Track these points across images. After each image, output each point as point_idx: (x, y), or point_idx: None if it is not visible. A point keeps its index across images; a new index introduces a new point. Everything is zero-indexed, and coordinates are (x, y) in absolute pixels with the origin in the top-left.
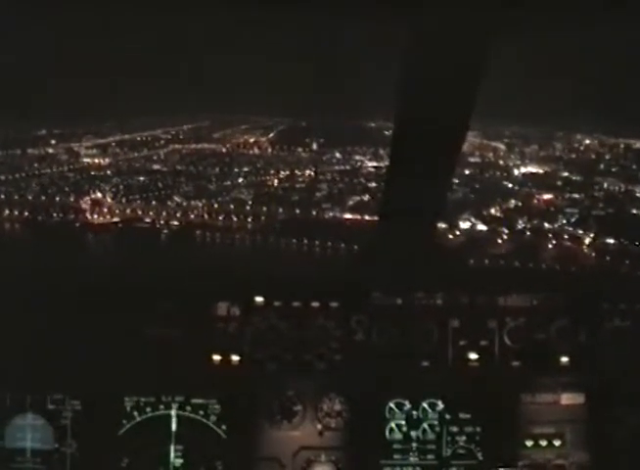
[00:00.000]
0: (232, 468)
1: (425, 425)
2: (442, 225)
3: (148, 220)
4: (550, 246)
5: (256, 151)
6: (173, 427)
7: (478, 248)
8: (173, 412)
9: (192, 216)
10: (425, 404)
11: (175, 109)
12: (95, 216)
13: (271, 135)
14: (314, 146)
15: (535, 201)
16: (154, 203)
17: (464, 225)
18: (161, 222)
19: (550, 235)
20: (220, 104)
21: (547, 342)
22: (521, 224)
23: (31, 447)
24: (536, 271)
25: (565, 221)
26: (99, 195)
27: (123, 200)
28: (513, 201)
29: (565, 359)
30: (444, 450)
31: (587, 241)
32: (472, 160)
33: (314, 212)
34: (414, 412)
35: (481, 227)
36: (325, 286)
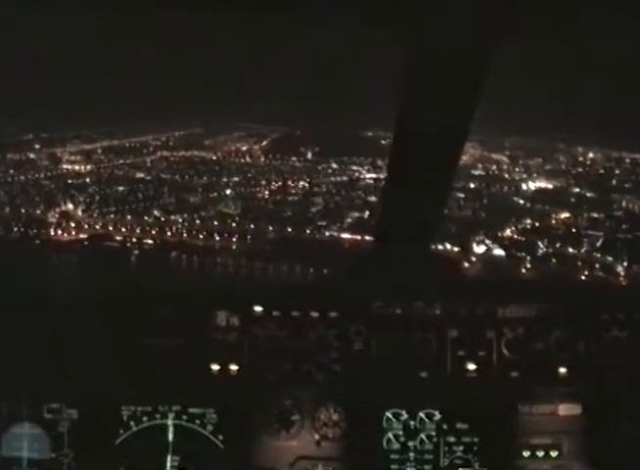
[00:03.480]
0: None
1: (422, 435)
2: (455, 249)
3: (118, 238)
4: (582, 277)
5: (248, 159)
6: (170, 437)
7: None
8: (170, 422)
9: (169, 234)
10: (422, 414)
11: (170, 115)
12: (60, 232)
13: (264, 143)
14: (309, 155)
15: (553, 221)
16: (129, 217)
17: (479, 249)
18: (133, 241)
19: (579, 263)
20: (215, 111)
21: (545, 352)
22: (542, 248)
23: (28, 457)
24: (535, 282)
25: (590, 246)
26: (70, 206)
27: (96, 213)
28: (528, 220)
29: (563, 370)
30: (442, 461)
31: (621, 270)
32: (475, 172)
33: (308, 231)
34: (411, 422)
35: (499, 252)
36: (324, 296)
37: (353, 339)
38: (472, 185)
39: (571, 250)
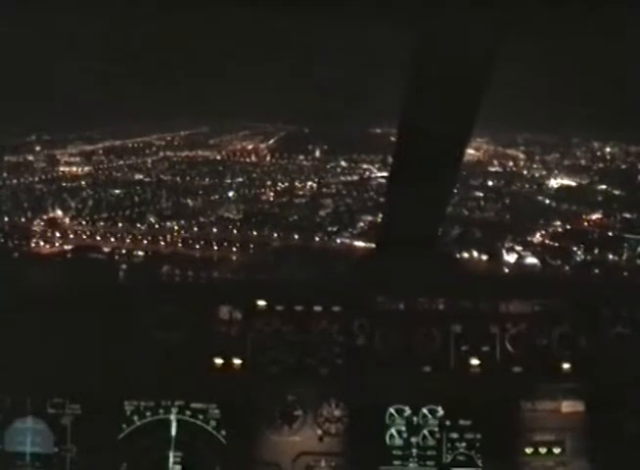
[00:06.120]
0: None
1: (425, 431)
2: (483, 257)
3: (106, 249)
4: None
5: (253, 159)
6: (173, 432)
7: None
8: (173, 417)
9: (162, 244)
10: (425, 410)
11: (175, 114)
12: (42, 243)
13: (271, 142)
14: (317, 153)
15: (585, 223)
16: (120, 225)
17: (509, 257)
18: (123, 252)
19: (625, 273)
20: (221, 110)
21: (548, 348)
22: (579, 255)
23: (31, 451)
24: (538, 278)
25: (632, 252)
26: (59, 213)
27: (86, 220)
28: (558, 222)
29: (566, 366)
30: (444, 457)
31: None
32: (492, 169)
33: (317, 239)
34: (414, 418)
35: (532, 260)
36: (327, 290)
37: (357, 334)
38: (490, 183)
39: (611, 256)
